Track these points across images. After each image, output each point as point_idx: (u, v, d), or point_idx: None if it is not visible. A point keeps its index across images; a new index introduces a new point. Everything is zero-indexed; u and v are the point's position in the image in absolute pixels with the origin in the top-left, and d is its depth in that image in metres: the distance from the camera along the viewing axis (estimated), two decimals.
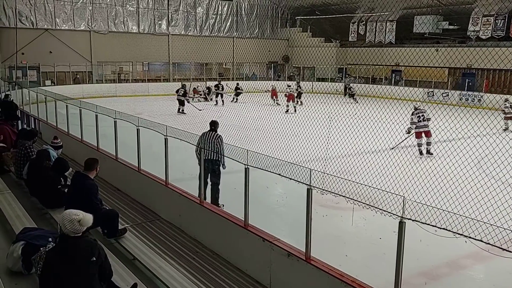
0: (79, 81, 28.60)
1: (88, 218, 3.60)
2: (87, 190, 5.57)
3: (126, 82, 30.52)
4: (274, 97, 25.83)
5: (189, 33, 33.07)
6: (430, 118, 13.43)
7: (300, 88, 24.98)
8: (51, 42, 27.38)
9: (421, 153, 13.06)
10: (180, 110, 21.09)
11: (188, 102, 21.81)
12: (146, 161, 8.08)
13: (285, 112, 21.76)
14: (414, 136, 13.32)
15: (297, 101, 23.71)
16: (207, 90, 27.42)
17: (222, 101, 25.31)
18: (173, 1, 31.96)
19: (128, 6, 30.34)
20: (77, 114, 10.68)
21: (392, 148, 13.17)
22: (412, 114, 13.45)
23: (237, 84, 27.77)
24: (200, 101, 26.11)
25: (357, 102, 26.15)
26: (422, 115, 13.24)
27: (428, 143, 13.19)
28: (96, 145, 9.91)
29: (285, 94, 22.71)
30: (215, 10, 34.10)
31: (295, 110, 21.94)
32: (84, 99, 20.80)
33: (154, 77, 32.43)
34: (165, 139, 7.03)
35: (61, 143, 8.22)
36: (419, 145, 13.24)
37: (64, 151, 9.66)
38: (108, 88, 28.16)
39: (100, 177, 9.34)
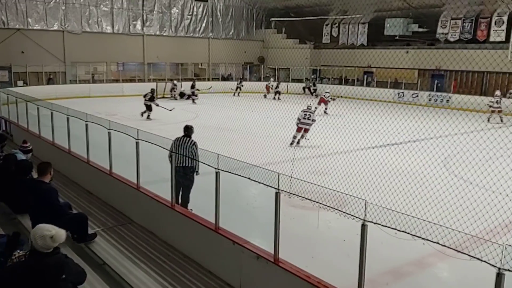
0: (53, 82, 28.11)
1: (60, 234, 3.54)
2: (46, 195, 5.49)
3: (100, 83, 30.15)
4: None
5: (164, 34, 32.89)
6: (315, 120, 14.38)
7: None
8: (23, 42, 26.82)
9: (291, 144, 14.07)
10: (146, 116, 20.48)
11: (157, 105, 21.46)
12: (118, 163, 8.07)
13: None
14: (296, 129, 14.29)
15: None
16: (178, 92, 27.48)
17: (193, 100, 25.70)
18: (147, 2, 31.72)
19: (102, 6, 29.96)
20: (49, 116, 10.56)
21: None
22: (302, 111, 14.40)
23: (193, 82, 27.60)
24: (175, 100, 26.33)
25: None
26: (309, 115, 14.20)
27: (302, 136, 14.30)
28: (67, 147, 9.84)
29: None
30: (190, 11, 34.02)
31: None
32: (57, 100, 20.61)
33: (129, 78, 32.13)
34: (136, 142, 7.04)
35: (30, 147, 8.13)
36: (295, 137, 14.22)
37: (35, 153, 9.56)
38: (82, 88, 27.76)
39: (71, 180, 9.34)
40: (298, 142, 14.21)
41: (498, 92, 22.11)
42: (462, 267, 5.37)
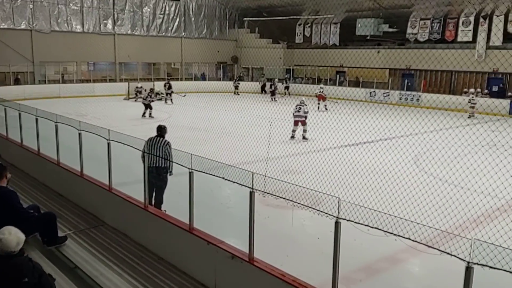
0: (20, 82, 27.35)
1: (9, 240, 3.46)
2: (5, 199, 5.33)
3: (71, 83, 29.54)
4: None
5: (136, 33, 32.48)
6: (307, 111, 15.35)
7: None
8: None
9: (292, 137, 15.07)
10: (148, 114, 20.11)
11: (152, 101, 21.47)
12: (89, 165, 7.92)
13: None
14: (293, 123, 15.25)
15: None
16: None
17: (171, 100, 25.32)
18: (118, 1, 31.25)
19: (71, 5, 29.35)
20: (17, 117, 10.27)
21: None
22: (295, 106, 15.40)
23: (167, 81, 27.08)
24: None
25: (276, 101, 27.62)
26: (299, 108, 15.08)
27: (304, 131, 15.24)
28: (37, 149, 9.59)
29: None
30: (162, 10, 33.69)
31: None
32: (25, 101, 20.08)
33: (100, 78, 31.59)
34: (107, 143, 6.92)
35: None
36: (293, 131, 15.21)
37: (3, 156, 9.30)
38: (51, 89, 27.15)
39: (41, 183, 9.12)
40: (293, 136, 15.10)
41: (472, 90, 22.93)
42: (433, 261, 5.48)
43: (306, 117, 15.17)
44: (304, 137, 15.12)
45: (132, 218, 6.53)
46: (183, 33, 34.88)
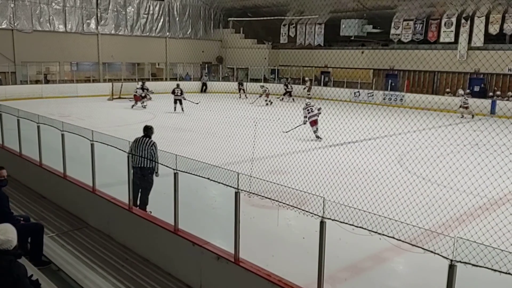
0: (1, 83, 26.89)
1: (12, 235, 3.45)
2: None
3: (53, 83, 29.12)
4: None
5: (120, 33, 32.16)
6: (320, 108, 15.76)
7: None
8: None
9: (318, 137, 15.35)
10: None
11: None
12: (73, 166, 7.83)
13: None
14: (309, 124, 15.50)
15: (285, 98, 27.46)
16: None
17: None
18: (102, 0, 30.92)
19: (53, 4, 28.92)
20: None
21: (287, 132, 15.51)
22: (304, 109, 15.61)
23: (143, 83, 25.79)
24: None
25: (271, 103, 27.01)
26: (311, 109, 15.46)
27: (316, 129, 15.49)
28: (18, 150, 9.46)
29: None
30: (146, 10, 33.44)
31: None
32: (7, 101, 19.76)
33: (83, 78, 31.22)
34: (91, 144, 6.86)
35: None
36: (314, 132, 15.47)
37: None
38: (33, 89, 26.72)
39: (23, 185, 8.99)
40: (318, 137, 15.40)
41: (461, 91, 23.26)
42: (417, 259, 5.54)
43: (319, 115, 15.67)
44: (318, 137, 15.37)
45: (116, 219, 6.48)
46: (168, 33, 34.68)
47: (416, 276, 6.12)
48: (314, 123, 15.43)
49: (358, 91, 28.78)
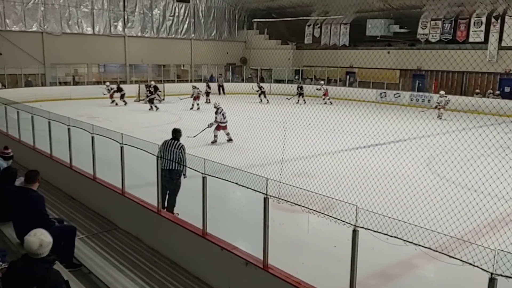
0: (31, 84, 27.57)
1: (32, 240, 3.46)
2: (32, 203, 5.35)
3: (82, 85, 29.69)
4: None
5: (146, 35, 32.57)
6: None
7: (209, 88, 27.45)
8: (1, 44, 26.16)
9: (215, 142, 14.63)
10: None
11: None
12: (102, 167, 7.94)
13: (190, 109, 23.17)
14: (216, 128, 14.73)
15: (207, 100, 26.09)
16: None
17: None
18: (129, 3, 31.37)
19: (82, 7, 29.51)
20: (29, 119, 10.34)
21: (194, 136, 14.39)
22: (220, 113, 14.80)
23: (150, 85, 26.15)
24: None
25: (267, 102, 27.13)
26: (224, 114, 14.81)
27: (228, 133, 14.89)
28: (49, 152, 9.65)
29: (192, 95, 23.98)
30: (172, 12, 33.77)
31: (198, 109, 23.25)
32: (37, 102, 20.22)
33: (111, 79, 31.71)
34: (121, 147, 6.94)
35: (11, 154, 7.93)
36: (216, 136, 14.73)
37: (15, 159, 9.33)
38: (62, 91, 27.29)
39: (54, 186, 9.15)
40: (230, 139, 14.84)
41: (442, 92, 22.84)
42: (448, 267, 5.40)
43: None
44: (230, 139, 14.86)
45: (145, 222, 6.53)
46: (193, 35, 34.94)
47: (446, 284, 5.97)
48: (225, 128, 14.79)
49: (385, 92, 28.40)
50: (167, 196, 7.47)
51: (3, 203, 6.08)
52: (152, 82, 27.00)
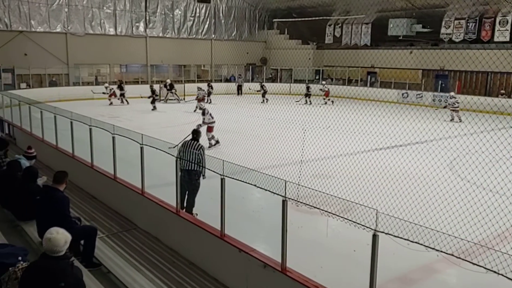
0: (56, 84, 28.11)
1: (57, 238, 3.49)
2: (57, 203, 5.43)
3: (104, 84, 30.10)
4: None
5: (167, 35, 32.85)
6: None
7: (212, 88, 26.95)
8: (26, 44, 26.77)
9: (216, 142, 14.26)
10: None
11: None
12: (122, 166, 8.01)
13: (194, 111, 22.07)
14: (207, 130, 14.21)
15: (208, 100, 25.44)
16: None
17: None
18: (150, 4, 31.68)
19: (105, 8, 29.94)
20: (52, 118, 10.51)
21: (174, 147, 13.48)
22: (207, 114, 14.53)
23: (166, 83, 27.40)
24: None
25: (267, 101, 27.13)
26: (211, 115, 14.48)
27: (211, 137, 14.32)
28: (71, 152, 9.79)
29: (197, 96, 23.57)
30: (193, 13, 33.97)
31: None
32: (60, 102, 20.59)
33: (132, 79, 32.10)
34: (141, 147, 6.99)
35: (34, 154, 8.07)
36: (213, 137, 14.29)
37: (39, 158, 9.51)
38: (85, 90, 27.72)
39: (75, 185, 9.28)
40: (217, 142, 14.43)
41: (453, 93, 22.29)
42: (471, 274, 5.28)
43: None
44: (217, 141, 14.30)
45: (164, 222, 6.56)
46: (213, 35, 35.09)
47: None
48: (211, 129, 14.34)
49: (406, 92, 28.01)
50: (186, 197, 7.51)
51: (26, 202, 6.20)
52: (168, 80, 27.77)
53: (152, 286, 4.99)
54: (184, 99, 27.04)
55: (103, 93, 25.49)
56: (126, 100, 25.51)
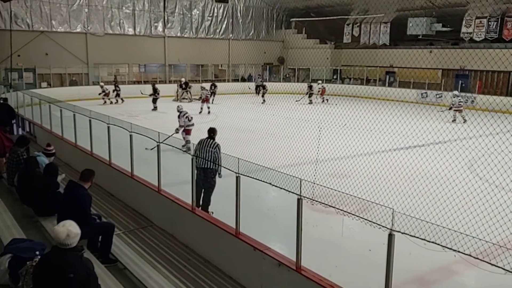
0: (76, 83, 28.54)
1: (59, 231, 3.52)
2: (80, 199, 5.51)
3: (122, 84, 30.40)
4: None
5: (185, 35, 33.05)
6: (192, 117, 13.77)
7: (215, 88, 26.46)
8: (47, 44, 27.23)
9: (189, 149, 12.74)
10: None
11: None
12: (139, 164, 8.08)
13: (199, 113, 21.27)
14: (186, 133, 13.29)
15: (211, 100, 24.80)
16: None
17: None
18: (169, 4, 31.91)
19: (124, 8, 30.27)
20: (71, 117, 10.66)
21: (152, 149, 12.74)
22: (183, 116, 13.67)
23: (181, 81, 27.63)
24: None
25: (264, 101, 26.77)
26: (189, 117, 13.60)
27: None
28: (90, 149, 9.91)
29: (200, 97, 22.75)
30: (211, 12, 34.11)
31: (209, 112, 21.89)
32: (80, 101, 20.86)
33: (151, 79, 32.36)
34: (157, 145, 7.03)
35: (53, 151, 8.19)
36: (188, 142, 12.60)
37: (58, 155, 9.65)
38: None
39: (94, 182, 9.38)
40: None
41: (456, 92, 21.76)
42: (490, 275, 5.18)
43: None
44: (188, 148, 12.69)
45: (180, 220, 6.59)
46: (231, 35, 35.16)
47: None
48: (189, 132, 13.36)
49: (426, 92, 27.65)
50: (202, 195, 7.55)
51: (46, 197, 6.29)
52: (183, 79, 27.93)
53: (167, 282, 5.02)
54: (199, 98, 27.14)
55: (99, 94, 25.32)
56: (122, 99, 25.59)
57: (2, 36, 25.02)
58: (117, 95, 25.69)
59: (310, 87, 27.40)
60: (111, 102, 25.47)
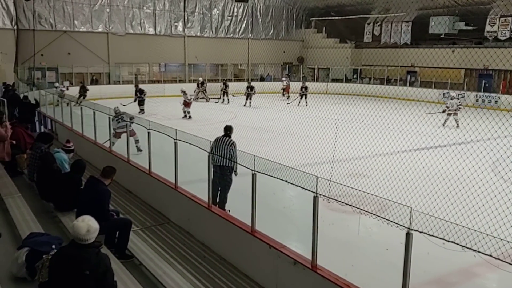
0: (97, 82, 28.97)
1: (79, 226, 3.52)
2: (99, 195, 5.57)
3: (143, 83, 30.67)
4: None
5: (205, 35, 33.20)
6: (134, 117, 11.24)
7: (227, 87, 26.40)
8: (70, 44, 27.70)
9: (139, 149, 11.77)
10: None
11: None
12: (157, 162, 8.12)
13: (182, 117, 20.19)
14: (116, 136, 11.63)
15: (223, 100, 25.75)
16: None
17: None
18: (189, 3, 32.11)
19: (145, 8, 30.59)
20: (91, 115, 10.80)
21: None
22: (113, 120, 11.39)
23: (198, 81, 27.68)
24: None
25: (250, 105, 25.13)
26: (122, 117, 11.89)
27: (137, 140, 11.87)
28: (109, 147, 10.03)
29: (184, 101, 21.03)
30: (231, 12, 34.19)
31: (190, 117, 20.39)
32: (101, 100, 21.13)
33: (170, 78, 32.62)
34: (174, 143, 7.05)
35: (73, 147, 8.28)
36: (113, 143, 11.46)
37: (78, 152, 9.79)
38: (125, 89, 28.31)
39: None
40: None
41: (454, 93, 20.88)
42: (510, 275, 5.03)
43: None
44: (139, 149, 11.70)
45: (196, 217, 6.60)
46: (250, 34, 35.17)
47: None
48: (119, 135, 11.64)
49: (448, 92, 27.16)
50: (218, 193, 7.54)
51: (68, 193, 6.33)
52: (200, 78, 28.09)
53: (183, 279, 5.01)
54: (219, 97, 27.19)
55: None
56: (142, 110, 24.74)
57: (26, 36, 25.56)
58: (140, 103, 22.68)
59: (306, 88, 25.90)
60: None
